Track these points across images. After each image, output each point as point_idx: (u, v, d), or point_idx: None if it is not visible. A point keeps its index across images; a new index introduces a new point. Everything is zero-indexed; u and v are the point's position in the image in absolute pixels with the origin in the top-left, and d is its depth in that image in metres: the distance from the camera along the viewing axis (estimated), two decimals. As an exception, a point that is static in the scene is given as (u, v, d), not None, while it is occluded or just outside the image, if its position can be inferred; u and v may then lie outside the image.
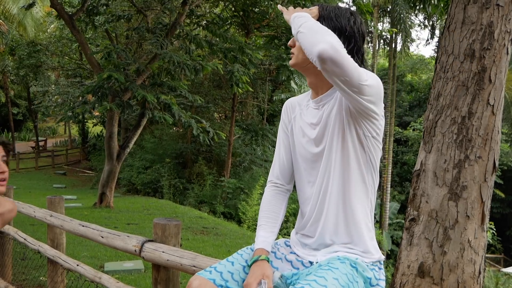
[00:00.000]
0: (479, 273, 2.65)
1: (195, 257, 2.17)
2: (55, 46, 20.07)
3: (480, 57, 2.63)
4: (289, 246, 1.78)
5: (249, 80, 12.12)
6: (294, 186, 1.82)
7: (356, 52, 1.61)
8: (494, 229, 19.18)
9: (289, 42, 1.70)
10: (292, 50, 1.68)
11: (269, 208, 1.75)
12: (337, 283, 1.42)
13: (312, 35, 1.41)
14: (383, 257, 1.66)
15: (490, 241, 19.77)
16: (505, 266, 17.66)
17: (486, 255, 2.77)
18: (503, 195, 22.63)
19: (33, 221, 7.56)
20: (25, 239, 4.29)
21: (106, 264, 6.17)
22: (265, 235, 1.68)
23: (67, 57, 21.02)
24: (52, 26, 22.83)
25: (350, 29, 1.59)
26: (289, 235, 1.87)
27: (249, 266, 1.61)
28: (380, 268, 1.65)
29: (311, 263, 1.65)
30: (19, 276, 5.21)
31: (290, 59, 1.70)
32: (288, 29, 13.11)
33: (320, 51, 1.35)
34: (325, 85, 1.64)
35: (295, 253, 1.72)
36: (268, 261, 1.61)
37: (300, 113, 1.74)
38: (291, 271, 1.63)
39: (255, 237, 1.72)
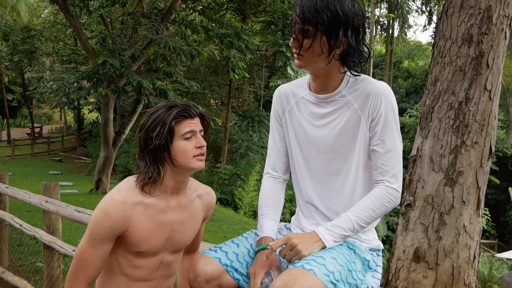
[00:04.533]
0: (474, 258, 2.67)
1: (191, 243, 2.17)
2: (49, 32, 19.85)
3: (478, 42, 2.61)
4: (289, 229, 1.79)
5: (245, 66, 12.04)
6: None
7: (363, 37, 1.52)
8: (489, 215, 19.32)
9: (290, 43, 1.54)
10: (299, 51, 1.52)
11: (270, 198, 1.75)
12: (335, 262, 1.42)
13: (370, 217, 1.53)
14: (381, 246, 1.67)
15: (485, 227, 19.94)
16: (499, 252, 17.84)
17: (481, 241, 2.78)
18: (498, 182, 22.77)
19: (29, 207, 7.56)
20: (21, 225, 4.28)
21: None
22: (270, 223, 1.68)
23: (61, 43, 20.81)
24: (46, 11, 22.57)
25: (355, 17, 1.46)
26: (285, 221, 1.88)
27: (255, 252, 1.61)
28: (378, 255, 1.66)
29: None
30: (15, 262, 5.22)
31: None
32: (285, 14, 13.00)
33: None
34: (332, 85, 1.59)
35: None
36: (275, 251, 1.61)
37: (297, 106, 1.68)
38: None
39: (252, 223, 1.72)
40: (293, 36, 1.52)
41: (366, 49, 1.54)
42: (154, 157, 1.57)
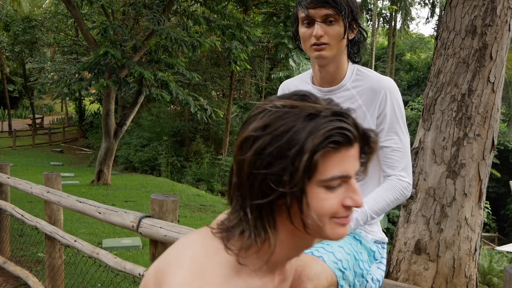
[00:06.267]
0: (475, 250, 2.67)
1: (193, 233, 2.17)
2: (50, 22, 19.80)
3: (482, 34, 2.59)
4: None
5: (247, 58, 12.01)
6: None
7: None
8: (490, 208, 19.35)
9: (318, 32, 1.45)
10: (325, 40, 1.47)
11: None
12: (342, 251, 1.43)
13: (383, 209, 1.52)
14: (386, 239, 1.68)
15: (485, 220, 19.96)
16: (499, 245, 17.89)
17: (481, 234, 2.78)
18: (499, 175, 22.77)
19: (30, 198, 7.57)
20: (22, 215, 4.29)
21: (104, 240, 6.21)
22: None
23: (62, 34, 20.76)
24: (47, 1, 22.49)
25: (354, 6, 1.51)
26: None
27: None
28: (383, 248, 1.67)
29: None
30: (17, 252, 5.23)
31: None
32: (287, 6, 12.93)
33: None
34: (339, 76, 1.58)
35: None
36: None
37: None
38: None
39: None
40: (306, 24, 1.51)
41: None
42: (261, 207, 0.80)
